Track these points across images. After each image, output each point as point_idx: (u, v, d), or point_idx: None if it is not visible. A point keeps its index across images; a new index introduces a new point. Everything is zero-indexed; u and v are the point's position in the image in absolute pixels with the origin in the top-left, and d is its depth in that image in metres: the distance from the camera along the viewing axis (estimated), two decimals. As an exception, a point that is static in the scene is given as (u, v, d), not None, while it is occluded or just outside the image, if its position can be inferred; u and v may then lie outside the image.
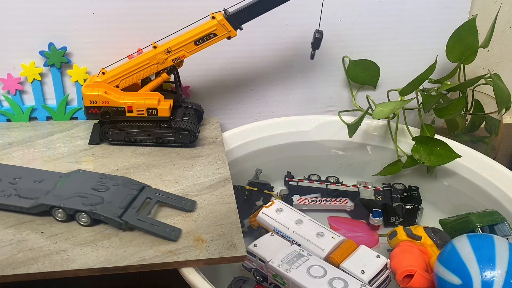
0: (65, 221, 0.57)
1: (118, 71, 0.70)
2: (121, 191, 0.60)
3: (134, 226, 0.56)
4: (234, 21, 0.67)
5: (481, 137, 0.88)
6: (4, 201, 0.57)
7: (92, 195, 0.58)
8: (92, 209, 0.56)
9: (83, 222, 0.56)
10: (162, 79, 0.71)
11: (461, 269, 0.54)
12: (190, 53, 0.69)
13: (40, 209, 0.57)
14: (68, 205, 0.56)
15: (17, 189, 0.59)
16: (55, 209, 0.56)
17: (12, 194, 0.58)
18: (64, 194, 0.58)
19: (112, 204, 0.57)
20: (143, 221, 0.56)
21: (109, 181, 0.61)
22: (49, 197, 0.57)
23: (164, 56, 0.69)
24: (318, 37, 0.71)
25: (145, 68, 0.70)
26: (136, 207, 0.58)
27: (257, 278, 0.63)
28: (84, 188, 0.59)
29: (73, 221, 0.57)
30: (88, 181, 0.61)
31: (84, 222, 0.56)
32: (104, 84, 0.70)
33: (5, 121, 0.80)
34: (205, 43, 0.68)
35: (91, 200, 0.57)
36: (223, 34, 0.68)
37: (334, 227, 0.76)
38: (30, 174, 0.62)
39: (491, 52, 0.99)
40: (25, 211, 0.57)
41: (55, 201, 0.56)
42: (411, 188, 0.80)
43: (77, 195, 0.58)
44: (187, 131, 0.72)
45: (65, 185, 0.60)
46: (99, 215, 0.56)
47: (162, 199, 0.61)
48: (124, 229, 0.56)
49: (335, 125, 0.86)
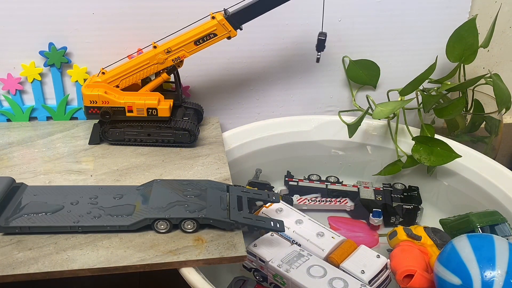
0: (167, 232, 0.56)
1: (118, 71, 0.70)
2: (213, 193, 0.60)
3: (243, 224, 0.56)
4: (234, 21, 0.67)
5: (481, 137, 0.88)
6: (97, 223, 0.55)
7: (190, 201, 0.58)
8: (200, 215, 0.55)
9: (189, 229, 0.56)
10: (162, 79, 0.71)
11: (461, 269, 0.54)
12: (190, 53, 0.69)
13: (142, 224, 0.55)
14: (175, 215, 0.55)
15: (103, 208, 0.57)
16: (159, 221, 0.55)
17: (102, 215, 0.56)
18: (162, 205, 0.57)
19: (214, 207, 0.57)
20: (249, 218, 0.57)
21: (194, 185, 0.61)
22: (149, 210, 0.56)
23: (164, 56, 0.69)
24: (322, 38, 0.71)
25: (145, 68, 0.70)
26: (235, 206, 0.58)
27: (257, 278, 0.63)
28: (177, 196, 0.59)
29: (177, 230, 0.56)
30: (174, 189, 0.60)
31: (190, 229, 0.56)
32: (104, 84, 0.70)
33: (5, 121, 0.80)
34: (205, 43, 0.68)
35: (193, 207, 0.57)
36: (223, 34, 0.68)
37: (334, 227, 0.76)
38: (104, 191, 0.61)
39: (491, 52, 0.99)
40: (124, 229, 0.55)
41: (158, 213, 0.55)
42: (411, 188, 0.80)
43: (176, 204, 0.57)
44: (187, 131, 0.72)
45: (155, 196, 0.58)
46: (208, 220, 0.55)
47: (250, 196, 0.62)
48: (233, 229, 0.56)
49: (335, 125, 0.86)
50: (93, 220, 0.55)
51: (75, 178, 0.65)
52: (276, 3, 0.66)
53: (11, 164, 0.68)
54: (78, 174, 0.66)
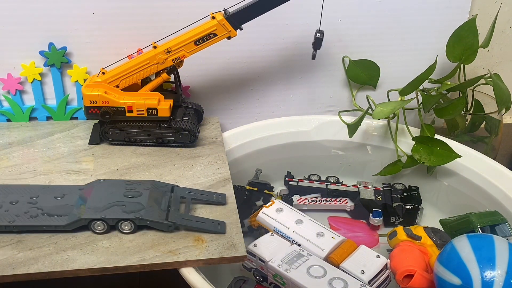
0: (104, 233, 0.55)
1: (118, 71, 0.70)
2: (155, 194, 0.59)
3: (181, 225, 0.56)
4: (234, 21, 0.67)
5: (481, 137, 0.88)
6: (33, 223, 0.54)
7: (129, 202, 0.57)
8: (137, 216, 0.55)
9: (126, 230, 0.56)
10: (162, 79, 0.71)
11: (461, 269, 0.54)
12: (190, 53, 0.69)
13: (78, 225, 0.55)
14: (111, 216, 0.55)
15: (41, 208, 0.57)
16: (95, 222, 0.55)
17: (39, 214, 0.56)
18: (99, 206, 0.56)
19: (154, 208, 0.57)
20: (189, 220, 0.56)
21: (137, 186, 0.61)
22: (86, 211, 0.55)
23: (164, 56, 0.69)
24: (319, 37, 0.71)
25: (145, 68, 0.70)
26: (176, 208, 0.58)
27: (257, 278, 0.63)
28: (117, 197, 0.58)
29: (114, 231, 0.56)
30: (116, 189, 0.60)
31: (127, 230, 0.56)
32: (104, 84, 0.70)
33: (5, 121, 0.80)
34: (205, 43, 0.68)
35: (131, 208, 0.56)
36: (223, 34, 0.67)
37: (334, 227, 0.76)
38: (47, 191, 0.60)
39: (491, 52, 0.99)
40: (60, 229, 0.54)
41: (94, 214, 0.55)
42: (411, 188, 0.80)
43: (114, 205, 0.57)
44: (187, 131, 0.72)
45: (95, 196, 0.58)
46: (145, 221, 0.55)
47: (195, 196, 0.61)
48: (172, 230, 0.56)
49: (335, 125, 0.86)
50: (29, 220, 0.55)
51: (75, 178, 0.65)
52: (276, 3, 0.66)
53: (11, 164, 0.68)
54: (78, 174, 0.67)
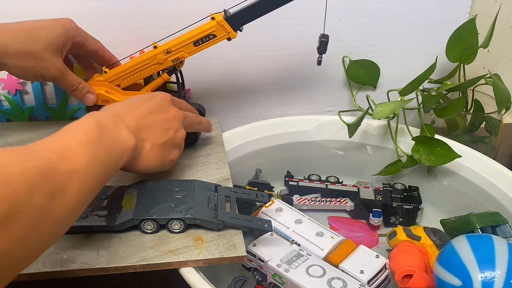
0: (153, 232, 0.56)
1: (119, 70, 0.70)
2: (201, 193, 0.60)
3: (230, 224, 0.56)
4: (233, 22, 0.66)
5: (481, 137, 0.88)
6: (84, 223, 0.55)
7: (177, 201, 0.58)
8: (187, 215, 0.55)
9: (176, 229, 0.56)
10: (163, 80, 0.71)
11: (461, 270, 0.54)
12: (190, 53, 0.69)
13: (129, 225, 0.55)
14: (161, 215, 0.55)
15: (90, 208, 0.56)
16: (145, 221, 0.55)
17: (88, 215, 0.56)
18: (149, 206, 0.57)
19: (202, 207, 0.57)
20: (237, 218, 0.57)
21: (182, 185, 0.61)
22: (136, 211, 0.56)
23: (163, 56, 0.68)
24: (325, 40, 0.69)
25: (145, 68, 0.70)
26: (222, 207, 0.58)
27: (256, 277, 0.63)
28: (165, 196, 0.59)
29: (164, 230, 0.56)
30: (163, 188, 0.60)
31: (177, 229, 0.56)
32: (105, 83, 0.71)
33: (5, 121, 0.80)
34: (204, 44, 0.68)
35: (180, 207, 0.57)
36: (223, 35, 0.67)
37: (334, 227, 0.76)
38: None
39: (491, 52, 0.99)
40: (111, 229, 0.55)
41: (145, 213, 0.55)
42: (411, 188, 0.80)
43: (163, 204, 0.57)
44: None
45: (143, 196, 0.58)
46: (195, 220, 0.55)
47: (238, 195, 0.62)
48: (220, 229, 0.56)
49: (335, 125, 0.86)
50: (79, 220, 0.55)
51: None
52: (276, 4, 0.65)
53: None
54: (78, 174, 0.67)
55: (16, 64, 0.63)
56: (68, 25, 0.67)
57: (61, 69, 0.65)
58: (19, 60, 0.62)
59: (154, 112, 0.59)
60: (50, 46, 0.64)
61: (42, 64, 0.64)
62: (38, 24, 0.65)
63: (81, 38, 0.70)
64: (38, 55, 0.63)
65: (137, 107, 0.57)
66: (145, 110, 0.58)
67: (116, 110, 0.54)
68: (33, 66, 0.63)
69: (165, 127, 0.59)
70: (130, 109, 0.56)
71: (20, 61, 0.63)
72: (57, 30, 0.65)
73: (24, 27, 0.63)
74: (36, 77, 0.65)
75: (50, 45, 0.64)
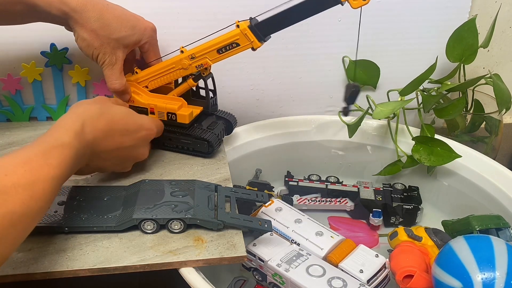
0: (153, 232, 0.56)
1: (148, 72, 0.70)
2: (201, 193, 0.60)
3: (230, 224, 0.56)
4: (257, 31, 0.62)
5: (481, 137, 0.88)
6: (84, 223, 0.55)
7: (177, 202, 0.58)
8: (187, 215, 0.55)
9: (176, 230, 0.56)
10: (188, 85, 0.70)
11: (461, 271, 0.54)
12: (213, 61, 0.66)
13: (129, 225, 0.55)
14: (161, 216, 0.55)
15: (91, 209, 0.57)
16: (145, 221, 0.55)
17: (89, 216, 0.56)
18: (149, 206, 0.57)
19: (202, 207, 0.57)
20: (237, 218, 0.57)
21: (182, 185, 0.61)
22: (136, 211, 0.56)
23: (188, 61, 0.67)
24: (355, 90, 0.61)
25: (171, 72, 0.68)
26: (222, 207, 0.58)
27: (256, 277, 0.63)
28: (164, 197, 0.59)
29: (164, 230, 0.56)
30: (162, 189, 0.60)
31: (176, 229, 0.56)
32: (133, 83, 0.70)
33: (5, 121, 0.80)
34: (228, 52, 0.65)
35: (180, 207, 0.57)
36: (246, 44, 0.63)
37: (334, 227, 0.76)
38: (91, 192, 0.61)
39: (491, 52, 0.99)
40: (111, 229, 0.55)
41: (145, 214, 0.55)
42: (411, 188, 0.80)
43: (163, 205, 0.57)
44: (206, 141, 0.70)
45: (142, 196, 0.58)
46: (195, 220, 0.56)
47: (238, 195, 0.62)
48: (220, 229, 0.56)
49: (335, 125, 0.86)
50: (79, 220, 0.55)
51: (75, 178, 0.65)
52: (303, 15, 0.61)
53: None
54: (78, 174, 0.67)
55: (86, 37, 0.65)
56: (149, 30, 0.70)
57: (114, 62, 0.67)
58: (91, 36, 0.64)
59: (124, 149, 0.61)
60: (123, 40, 0.67)
61: (106, 49, 0.66)
62: (127, 15, 0.67)
63: (149, 46, 0.71)
64: (108, 41, 0.65)
65: (115, 139, 0.59)
66: (118, 145, 0.60)
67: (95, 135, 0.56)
68: (97, 47, 0.65)
69: (122, 161, 0.63)
70: (107, 137, 0.58)
71: (90, 37, 0.64)
72: (138, 30, 0.68)
73: (114, 11, 0.66)
74: (93, 55, 0.67)
75: (124, 38, 0.66)
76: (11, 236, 0.42)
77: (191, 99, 0.73)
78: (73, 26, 0.64)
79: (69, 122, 0.53)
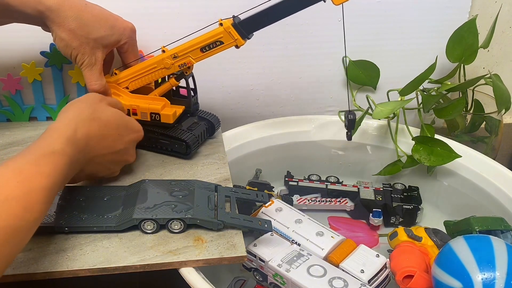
0: (154, 232, 0.56)
1: (128, 73, 0.70)
2: (201, 193, 0.60)
3: (230, 224, 0.56)
4: (241, 29, 0.63)
5: (481, 137, 0.88)
6: (84, 223, 0.55)
7: (177, 202, 0.58)
8: (187, 215, 0.55)
9: (176, 230, 0.56)
10: (170, 85, 0.70)
11: (461, 272, 0.54)
12: (197, 60, 0.67)
13: (129, 225, 0.55)
14: (161, 216, 0.55)
15: (90, 209, 0.57)
16: (145, 221, 0.55)
17: (88, 216, 0.56)
18: (149, 206, 0.57)
19: (202, 207, 0.57)
20: (237, 218, 0.57)
21: (182, 185, 0.61)
22: (136, 211, 0.56)
23: (170, 61, 0.67)
24: (351, 118, 0.66)
25: (153, 72, 0.68)
26: (222, 207, 0.58)
27: (257, 277, 0.63)
28: (164, 197, 0.59)
29: (164, 230, 0.56)
30: (162, 189, 0.60)
31: (176, 229, 0.56)
32: (114, 84, 0.70)
33: (5, 121, 0.80)
34: (211, 50, 0.65)
35: (180, 207, 0.57)
36: (230, 42, 0.64)
37: (334, 227, 0.76)
38: (91, 192, 0.61)
39: (491, 52, 0.99)
40: (111, 229, 0.55)
41: (145, 214, 0.55)
42: (411, 188, 0.80)
43: (163, 205, 0.57)
44: (184, 142, 0.69)
45: (142, 196, 0.58)
46: (195, 220, 0.55)
47: (238, 195, 0.62)
48: (220, 229, 0.56)
49: (335, 125, 0.86)
50: (80, 220, 0.55)
51: (75, 178, 0.65)
52: (285, 13, 0.62)
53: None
54: (78, 174, 0.66)
55: (64, 37, 0.63)
56: (128, 30, 0.69)
57: (94, 63, 0.66)
58: (69, 36, 0.63)
59: (116, 153, 0.61)
60: (102, 40, 0.66)
61: (85, 49, 0.65)
62: (106, 15, 0.66)
63: (128, 47, 0.70)
64: (87, 41, 0.64)
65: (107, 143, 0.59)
66: (111, 149, 0.59)
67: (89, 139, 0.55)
68: (75, 47, 0.64)
69: (113, 165, 0.63)
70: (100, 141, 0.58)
71: (69, 37, 0.63)
72: (117, 30, 0.67)
73: (92, 11, 0.65)
74: (71, 56, 0.66)
75: (103, 38, 0.65)
76: (6, 251, 0.41)
77: (172, 98, 0.72)
78: (50, 25, 0.63)
79: (61, 127, 0.53)
